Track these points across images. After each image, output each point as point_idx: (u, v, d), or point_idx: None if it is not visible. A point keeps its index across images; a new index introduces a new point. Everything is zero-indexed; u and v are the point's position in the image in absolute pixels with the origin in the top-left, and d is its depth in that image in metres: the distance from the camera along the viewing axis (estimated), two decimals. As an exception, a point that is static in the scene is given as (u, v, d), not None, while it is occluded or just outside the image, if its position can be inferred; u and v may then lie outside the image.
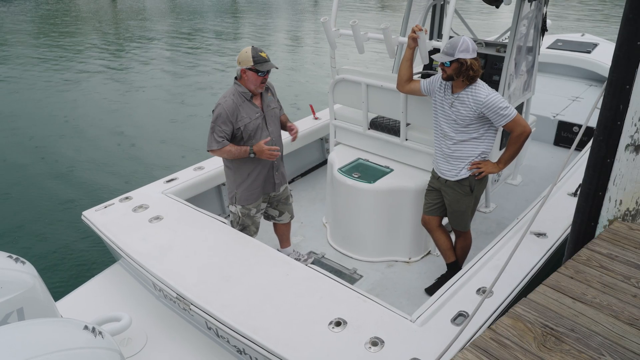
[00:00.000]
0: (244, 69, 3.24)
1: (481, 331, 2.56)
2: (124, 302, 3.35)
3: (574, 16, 18.58)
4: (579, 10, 19.98)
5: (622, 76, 2.34)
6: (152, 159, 7.17)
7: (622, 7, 2.33)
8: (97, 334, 1.93)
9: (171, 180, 4.12)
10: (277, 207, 3.82)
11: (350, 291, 2.82)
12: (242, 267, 3.03)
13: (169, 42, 14.88)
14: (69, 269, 4.67)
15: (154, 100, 9.68)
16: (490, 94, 3.07)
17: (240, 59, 3.24)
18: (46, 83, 10.65)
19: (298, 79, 11.10)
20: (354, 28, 3.57)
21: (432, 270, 3.92)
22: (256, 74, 3.23)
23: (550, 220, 3.46)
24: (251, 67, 3.20)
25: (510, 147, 3.21)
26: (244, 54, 3.22)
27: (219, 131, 3.28)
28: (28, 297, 2.28)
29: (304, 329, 2.56)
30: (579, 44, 7.45)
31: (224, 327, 2.66)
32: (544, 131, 5.95)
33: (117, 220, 3.56)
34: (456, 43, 3.01)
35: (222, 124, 3.27)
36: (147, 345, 3.00)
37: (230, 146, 3.32)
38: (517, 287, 2.86)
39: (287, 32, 16.83)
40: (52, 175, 6.56)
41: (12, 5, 21.39)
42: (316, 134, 5.24)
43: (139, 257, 3.15)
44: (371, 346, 2.44)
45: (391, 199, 3.84)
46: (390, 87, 3.75)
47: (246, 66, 3.22)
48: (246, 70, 3.23)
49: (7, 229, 5.35)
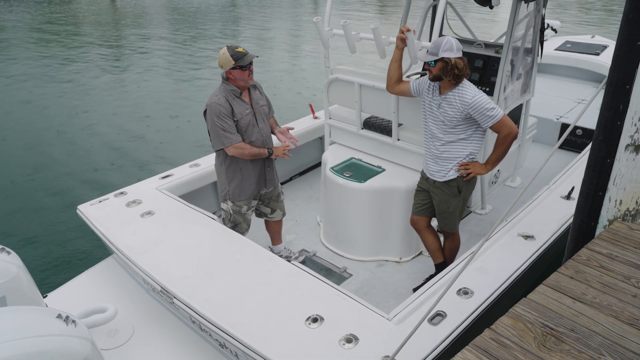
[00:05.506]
0: (228, 70, 3.30)
1: (457, 332, 2.57)
2: (114, 294, 3.42)
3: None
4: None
5: (622, 76, 2.33)
6: (151, 155, 7.28)
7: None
8: (69, 323, 1.99)
9: (167, 177, 4.20)
10: (269, 205, 3.86)
11: (330, 289, 2.85)
12: (227, 262, 3.08)
13: (169, 42, 15.00)
14: (64, 261, 4.78)
15: (154, 97, 9.78)
16: (476, 95, 3.07)
17: (221, 63, 3.30)
18: (44, 80, 10.80)
19: (298, 79, 11.14)
20: (345, 28, 3.59)
21: (422, 271, 3.92)
22: (241, 70, 3.29)
23: (540, 222, 3.44)
24: (234, 65, 3.25)
25: (497, 148, 3.21)
26: (222, 56, 3.28)
27: (226, 126, 3.32)
28: (11, 286, 2.35)
29: (281, 324, 2.60)
30: (588, 46, 7.34)
31: (204, 321, 2.71)
32: (547, 133, 5.89)
33: (110, 214, 3.64)
34: (440, 42, 3.02)
35: (225, 119, 3.31)
36: (132, 338, 3.07)
37: (244, 144, 3.38)
38: (499, 289, 2.85)
39: (287, 31, 16.89)
40: (52, 173, 6.68)
41: (11, 6, 21.79)
42: (315, 133, 5.28)
43: (128, 251, 3.22)
44: (345, 343, 2.46)
45: (382, 198, 3.86)
46: (383, 87, 3.76)
47: (229, 67, 3.27)
48: (231, 70, 3.29)
49: (3, 221, 5.48)
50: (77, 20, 18.61)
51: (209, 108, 3.35)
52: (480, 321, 2.69)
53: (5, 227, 5.37)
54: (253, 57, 3.32)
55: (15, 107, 9.18)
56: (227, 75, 3.34)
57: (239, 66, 3.26)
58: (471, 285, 2.82)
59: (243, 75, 3.31)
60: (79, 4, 22.51)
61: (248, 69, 3.31)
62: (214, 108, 3.31)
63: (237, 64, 3.26)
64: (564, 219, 3.47)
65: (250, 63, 3.30)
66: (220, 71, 3.37)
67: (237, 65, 3.26)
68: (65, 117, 8.73)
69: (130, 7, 21.81)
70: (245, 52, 3.30)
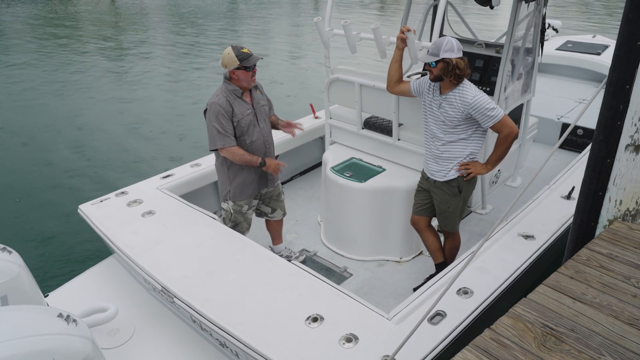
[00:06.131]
0: (232, 70, 3.30)
1: (457, 331, 2.57)
2: (115, 294, 3.43)
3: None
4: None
5: (622, 76, 2.33)
6: (151, 154, 7.29)
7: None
8: (70, 322, 2.00)
9: (168, 176, 4.20)
10: (270, 204, 3.87)
11: (330, 288, 2.85)
12: (227, 262, 3.09)
13: (169, 40, 15.02)
14: (65, 261, 4.79)
15: (155, 96, 9.79)
16: (477, 95, 3.07)
17: (225, 62, 3.30)
18: (45, 80, 10.80)
19: (299, 79, 11.14)
20: (345, 28, 3.60)
21: (422, 271, 3.93)
22: (245, 71, 3.29)
23: (540, 222, 3.44)
24: (239, 66, 3.26)
25: (497, 148, 3.21)
26: (227, 56, 3.28)
27: (222, 128, 3.32)
28: (12, 286, 2.36)
29: (281, 324, 2.61)
30: (589, 46, 7.34)
31: (204, 321, 2.71)
32: (548, 133, 5.88)
33: (111, 214, 3.65)
34: (441, 43, 3.02)
35: (223, 120, 3.31)
36: (133, 337, 3.07)
37: (238, 149, 3.38)
38: (499, 289, 2.85)
39: (287, 30, 16.88)
40: (53, 173, 6.69)
41: (10, 6, 21.81)
42: (316, 133, 5.28)
43: (129, 250, 3.23)
44: (345, 342, 2.46)
45: (382, 198, 3.86)
46: (383, 87, 3.76)
47: (233, 66, 3.27)
48: (235, 71, 3.29)
49: (4, 221, 5.50)
50: (77, 19, 18.63)
51: (209, 107, 3.36)
52: (480, 321, 2.70)
53: (7, 227, 5.39)
54: (258, 59, 3.33)
55: (16, 107, 9.20)
56: (231, 75, 3.34)
57: (243, 67, 3.27)
58: (471, 285, 2.83)
59: (247, 76, 3.32)
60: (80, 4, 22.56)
61: (252, 70, 3.32)
62: (213, 108, 3.32)
63: (242, 65, 3.26)
64: (564, 218, 3.47)
65: (254, 64, 3.31)
66: (223, 70, 3.37)
67: (242, 65, 3.26)
68: (65, 116, 8.74)
69: (130, 6, 21.84)
70: (250, 53, 3.30)
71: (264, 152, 3.56)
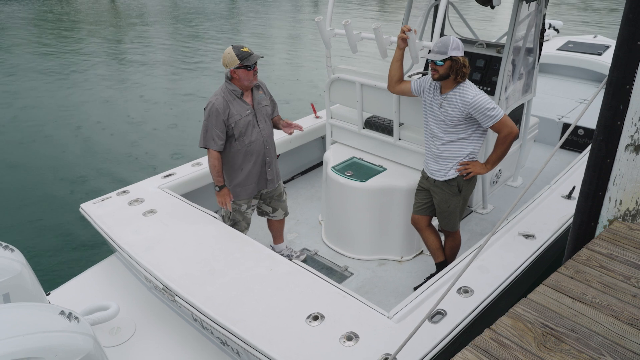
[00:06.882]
0: (233, 70, 3.31)
1: (457, 330, 2.58)
2: (117, 292, 3.44)
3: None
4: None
5: (622, 76, 2.34)
6: (152, 153, 7.31)
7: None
8: (72, 319, 2.01)
9: (169, 176, 4.22)
10: (271, 204, 3.88)
11: (331, 287, 2.86)
12: (228, 260, 3.10)
13: (169, 40, 15.04)
14: (67, 259, 4.81)
15: (156, 96, 9.82)
16: (477, 95, 3.08)
17: (225, 62, 3.31)
18: (45, 80, 10.85)
19: (299, 79, 11.14)
20: (346, 28, 3.60)
21: (423, 270, 3.93)
22: (246, 70, 3.30)
23: (541, 222, 3.45)
24: (239, 65, 3.27)
25: (497, 148, 3.21)
26: (227, 55, 3.29)
27: (213, 131, 3.35)
28: (15, 283, 2.37)
29: (282, 322, 2.61)
30: (590, 46, 7.34)
31: (205, 319, 2.72)
32: (549, 133, 5.89)
33: (113, 213, 3.66)
34: (447, 42, 3.02)
35: (215, 121, 3.33)
36: (135, 335, 3.09)
37: (215, 157, 3.40)
38: (499, 288, 2.86)
39: (288, 30, 16.89)
40: (55, 172, 6.72)
41: (9, 5, 21.81)
42: (317, 133, 5.29)
43: (130, 249, 3.24)
44: (346, 340, 2.47)
45: (383, 197, 3.87)
46: (384, 87, 3.77)
47: (234, 66, 3.29)
48: (235, 70, 3.30)
49: (7, 219, 5.52)
50: (76, 20, 18.65)
51: (208, 106, 3.39)
52: (480, 321, 2.70)
53: (9, 225, 5.41)
54: (258, 58, 3.34)
55: (15, 107, 9.21)
56: (232, 75, 3.35)
57: (244, 66, 3.28)
58: (471, 284, 2.84)
59: (248, 75, 3.33)
60: (78, 4, 22.59)
61: (253, 69, 3.33)
62: (210, 107, 3.35)
63: (243, 64, 3.27)
64: (564, 218, 3.48)
65: (255, 63, 3.32)
66: (224, 70, 3.39)
67: (243, 64, 3.28)
68: (65, 116, 8.76)
69: (130, 7, 21.86)
70: (250, 52, 3.32)
71: (263, 152, 3.57)
